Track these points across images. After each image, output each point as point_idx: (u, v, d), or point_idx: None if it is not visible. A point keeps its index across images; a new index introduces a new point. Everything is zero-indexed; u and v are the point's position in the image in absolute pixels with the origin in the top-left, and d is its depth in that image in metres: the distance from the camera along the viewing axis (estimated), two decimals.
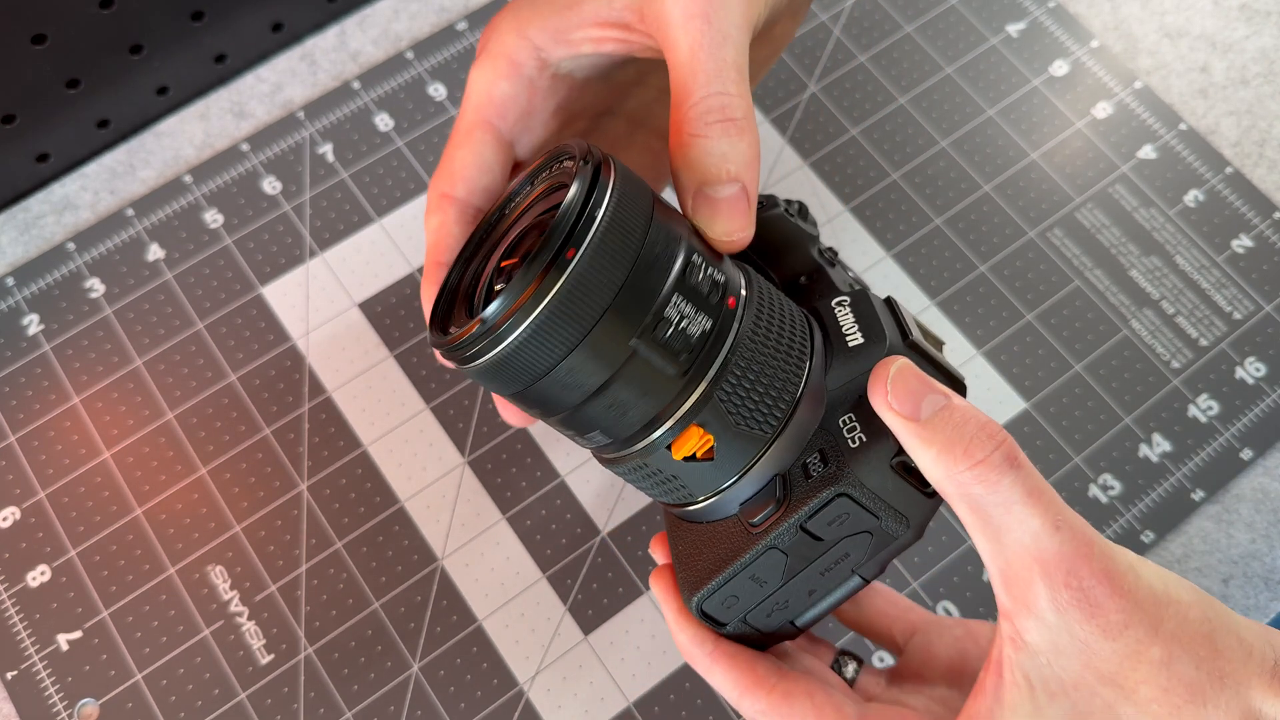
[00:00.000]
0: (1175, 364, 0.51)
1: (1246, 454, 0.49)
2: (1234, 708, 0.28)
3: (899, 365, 0.30)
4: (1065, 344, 0.51)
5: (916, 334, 0.32)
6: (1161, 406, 0.50)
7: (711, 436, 0.31)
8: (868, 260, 0.53)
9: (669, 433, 0.31)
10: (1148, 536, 0.48)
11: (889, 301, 0.34)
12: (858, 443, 0.30)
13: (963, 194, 0.54)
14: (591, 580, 0.47)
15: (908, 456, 0.30)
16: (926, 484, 0.30)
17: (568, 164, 0.32)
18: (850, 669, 0.36)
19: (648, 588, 0.47)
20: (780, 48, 0.41)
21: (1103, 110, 0.56)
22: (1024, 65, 0.57)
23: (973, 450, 0.28)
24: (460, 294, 0.34)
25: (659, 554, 0.36)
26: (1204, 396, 0.50)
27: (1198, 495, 0.48)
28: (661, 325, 0.29)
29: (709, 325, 0.30)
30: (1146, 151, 0.55)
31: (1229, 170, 0.55)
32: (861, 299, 0.33)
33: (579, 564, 0.47)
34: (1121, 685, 0.28)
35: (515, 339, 0.29)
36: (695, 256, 0.31)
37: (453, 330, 0.31)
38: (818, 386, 0.32)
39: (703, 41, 0.32)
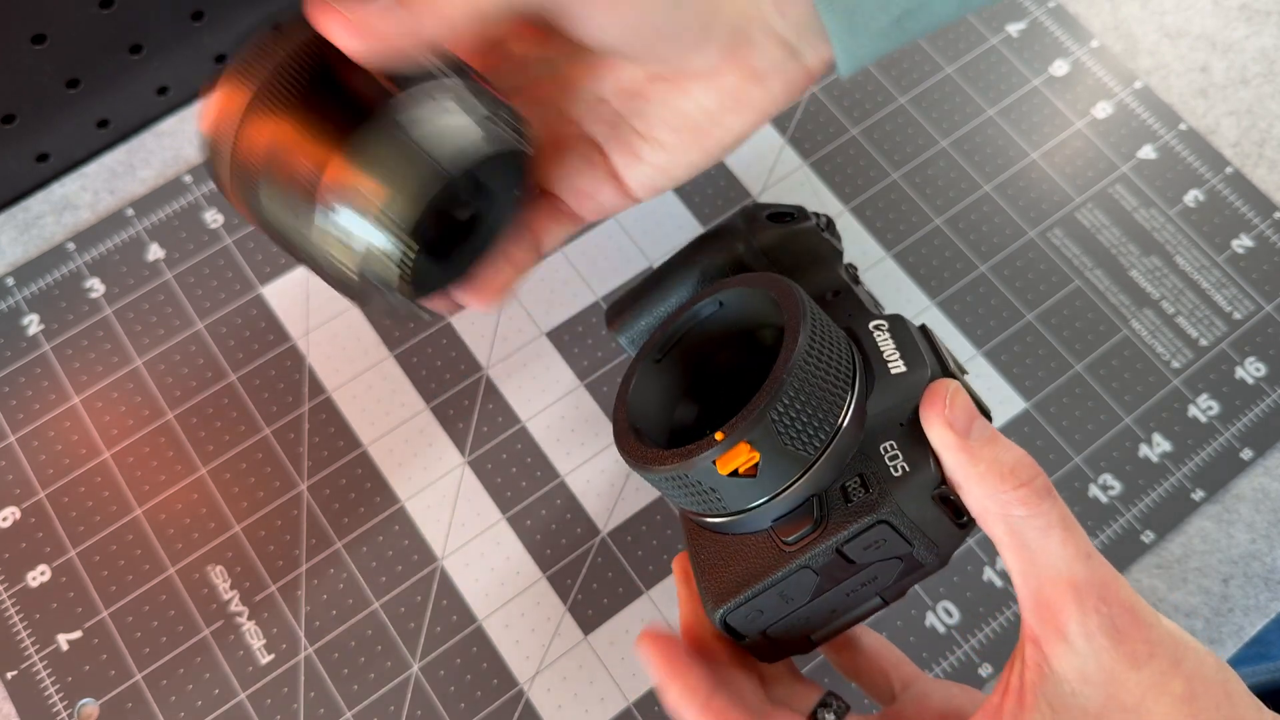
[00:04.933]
0: (1175, 364, 0.51)
1: (1246, 454, 0.49)
2: None
3: (956, 387, 0.31)
4: (1065, 344, 0.51)
5: (954, 365, 0.33)
6: (1161, 406, 0.50)
7: (759, 454, 0.31)
8: (868, 260, 0.53)
9: (719, 447, 0.31)
10: (1148, 536, 0.47)
11: (924, 330, 0.34)
12: (900, 471, 0.31)
13: (963, 194, 0.54)
14: (591, 580, 0.47)
15: (947, 488, 0.31)
16: (960, 516, 0.31)
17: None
18: (831, 716, 0.36)
19: (648, 587, 0.47)
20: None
21: (1103, 110, 0.56)
22: (1024, 65, 0.57)
23: (1018, 472, 0.30)
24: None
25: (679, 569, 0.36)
26: (1204, 396, 0.50)
27: (1198, 495, 0.48)
28: None
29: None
30: (1146, 151, 0.55)
31: (1229, 170, 0.55)
32: (899, 325, 0.34)
33: (579, 564, 0.47)
34: (1143, 717, 0.28)
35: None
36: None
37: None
38: (861, 410, 0.32)
39: None
